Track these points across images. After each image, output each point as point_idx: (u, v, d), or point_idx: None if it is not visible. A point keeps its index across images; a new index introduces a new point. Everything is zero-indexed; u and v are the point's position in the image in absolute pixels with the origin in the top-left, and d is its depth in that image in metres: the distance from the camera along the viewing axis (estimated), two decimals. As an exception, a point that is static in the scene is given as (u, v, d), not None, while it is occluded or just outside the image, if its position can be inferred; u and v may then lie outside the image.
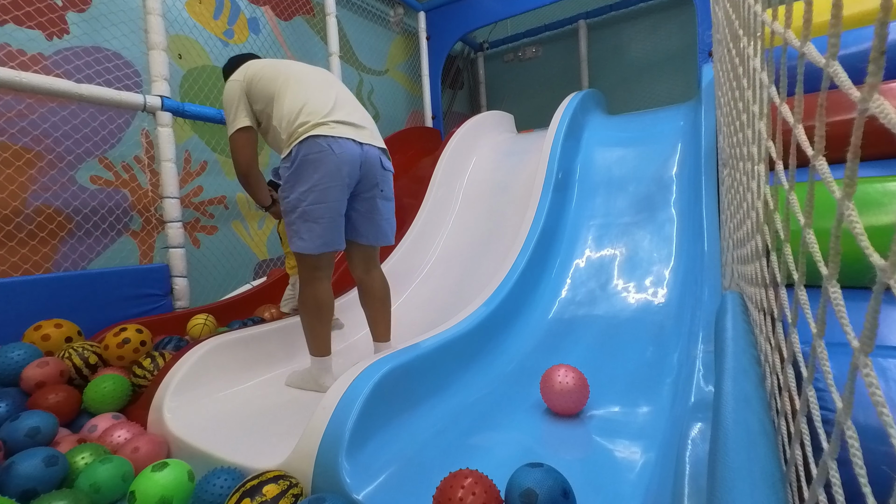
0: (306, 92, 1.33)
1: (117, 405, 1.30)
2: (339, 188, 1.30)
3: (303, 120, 1.28)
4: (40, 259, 1.83)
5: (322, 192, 1.28)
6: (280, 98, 1.32)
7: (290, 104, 1.30)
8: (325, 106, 1.31)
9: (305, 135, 1.26)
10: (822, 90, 0.32)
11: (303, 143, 1.26)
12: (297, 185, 1.28)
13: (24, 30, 1.84)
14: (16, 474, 0.93)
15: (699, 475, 0.69)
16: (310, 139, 1.26)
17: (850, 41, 1.03)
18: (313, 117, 1.28)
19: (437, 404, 1.17)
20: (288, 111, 1.30)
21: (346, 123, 1.33)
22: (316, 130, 1.26)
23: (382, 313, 1.52)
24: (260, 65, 1.41)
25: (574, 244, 2.03)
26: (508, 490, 0.75)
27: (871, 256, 0.26)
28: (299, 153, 1.26)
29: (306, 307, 1.38)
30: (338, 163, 1.28)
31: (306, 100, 1.31)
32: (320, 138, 1.26)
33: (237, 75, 1.39)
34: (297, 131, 1.28)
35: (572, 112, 2.51)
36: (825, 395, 0.56)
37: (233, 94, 1.37)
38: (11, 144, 1.78)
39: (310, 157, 1.26)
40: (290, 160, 1.29)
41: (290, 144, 1.28)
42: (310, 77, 1.39)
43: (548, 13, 4.18)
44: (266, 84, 1.35)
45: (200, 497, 0.90)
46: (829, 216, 0.30)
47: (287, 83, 1.34)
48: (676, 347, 1.36)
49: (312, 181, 1.27)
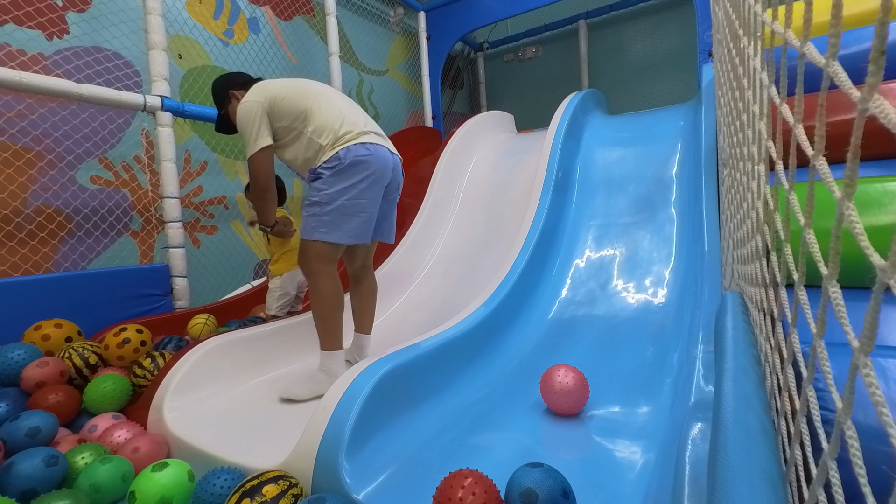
0: (339, 107, 1.45)
1: (117, 405, 1.30)
2: (379, 188, 1.45)
3: (347, 129, 1.41)
4: (40, 259, 1.83)
5: (365, 189, 1.40)
6: (316, 112, 1.41)
7: (330, 116, 1.41)
8: (359, 119, 1.46)
9: (353, 141, 1.39)
10: (822, 90, 0.32)
11: (350, 148, 1.38)
12: (340, 181, 1.37)
13: (24, 30, 1.84)
14: (16, 474, 0.93)
15: (699, 475, 0.69)
16: (357, 145, 1.39)
17: (850, 41, 1.03)
18: (355, 127, 1.42)
19: (437, 404, 1.17)
20: (329, 122, 1.40)
21: (378, 135, 1.49)
22: (361, 139, 1.40)
23: (371, 305, 1.65)
24: (279, 84, 1.46)
25: (574, 244, 2.03)
26: (508, 490, 0.75)
27: (871, 256, 0.26)
28: (348, 155, 1.37)
29: (326, 301, 1.39)
30: (380, 166, 1.42)
31: (344, 113, 1.44)
32: (368, 144, 1.41)
33: (254, 96, 1.42)
34: (343, 138, 1.39)
35: (572, 112, 2.51)
36: (825, 395, 0.56)
37: (253, 114, 1.40)
38: (11, 144, 1.78)
39: (359, 158, 1.38)
40: (334, 160, 1.37)
41: (334, 148, 1.38)
42: (336, 95, 1.51)
43: (548, 13, 4.18)
44: (294, 101, 1.42)
45: (200, 497, 0.90)
46: (829, 216, 0.30)
47: (319, 99, 1.44)
48: (676, 347, 1.36)
49: (358, 178, 1.38)
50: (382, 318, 2.01)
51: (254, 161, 1.42)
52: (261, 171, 1.43)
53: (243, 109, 1.41)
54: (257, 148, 1.40)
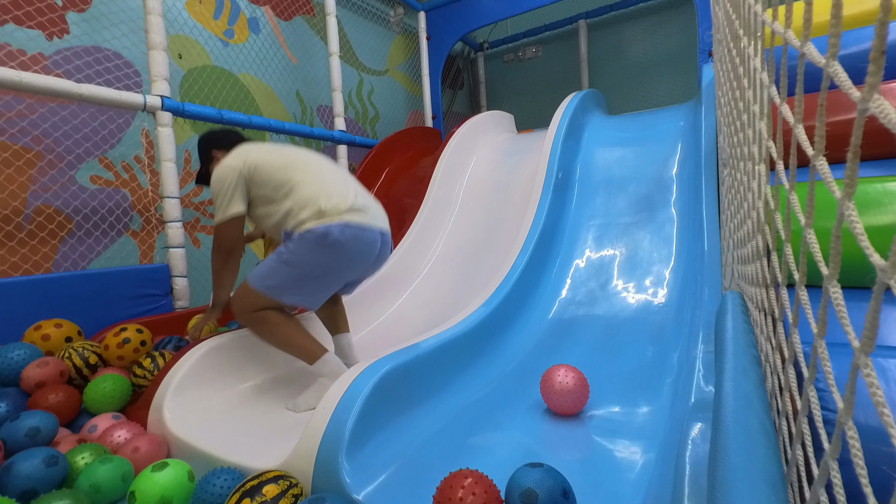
0: (325, 180, 1.37)
1: (117, 405, 1.30)
2: (351, 271, 1.41)
3: (332, 205, 1.31)
4: (40, 259, 1.83)
5: (337, 268, 1.35)
6: (298, 186, 1.34)
7: (314, 191, 1.33)
8: (347, 194, 1.36)
9: (336, 220, 1.30)
10: (822, 90, 0.32)
11: (331, 227, 1.29)
12: (314, 254, 1.30)
13: (24, 30, 1.84)
14: (16, 474, 0.93)
15: (699, 475, 0.69)
16: (341, 225, 1.30)
17: (850, 41, 1.03)
18: (342, 203, 1.32)
19: (437, 404, 1.17)
20: (313, 197, 1.32)
21: (365, 212, 1.38)
22: (346, 217, 1.31)
23: (340, 306, 1.62)
24: (263, 150, 1.41)
25: (574, 244, 2.03)
26: (508, 490, 0.75)
27: (871, 256, 0.26)
28: (328, 233, 1.28)
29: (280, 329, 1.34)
30: (360, 251, 1.36)
31: (330, 188, 1.35)
32: (352, 225, 1.32)
33: (233, 161, 1.37)
34: (326, 214, 1.30)
35: (572, 112, 2.51)
36: (826, 395, 0.56)
37: (229, 179, 1.35)
38: (11, 144, 1.78)
39: (338, 240, 1.29)
40: (313, 234, 1.29)
41: (316, 222, 1.30)
42: (323, 166, 1.43)
43: (548, 13, 4.18)
44: (276, 171, 1.36)
45: (200, 497, 0.90)
46: (830, 216, 0.30)
47: (304, 172, 1.37)
48: (676, 347, 1.36)
49: (333, 259, 1.32)
50: (382, 318, 2.01)
51: (221, 228, 1.38)
52: (226, 238, 1.39)
53: (219, 174, 1.37)
54: (227, 216, 1.36)
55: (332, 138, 2.81)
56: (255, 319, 1.35)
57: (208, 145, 1.55)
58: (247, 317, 1.36)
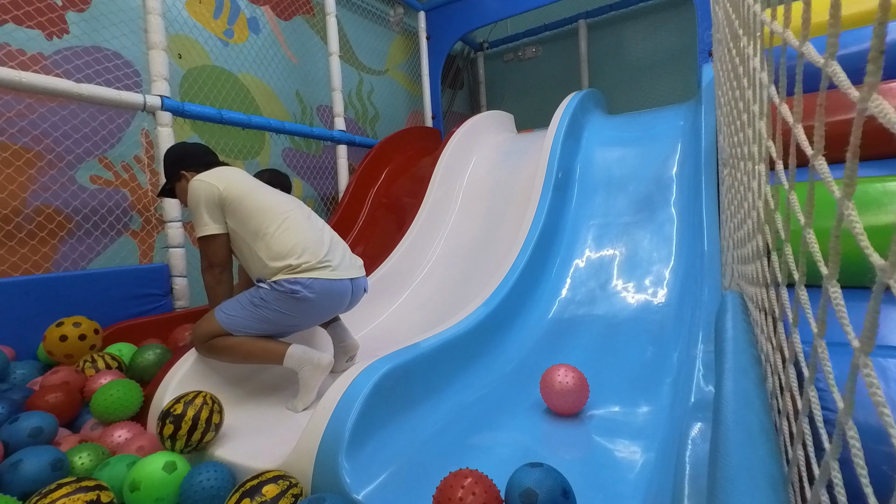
0: (298, 234, 1.35)
1: (127, 414, 1.22)
2: (321, 318, 1.43)
3: (303, 260, 1.31)
4: (40, 259, 1.83)
5: (307, 316, 1.36)
6: (269, 237, 1.33)
7: (285, 245, 1.32)
8: (319, 249, 1.36)
9: (308, 274, 1.30)
10: (821, 90, 0.32)
11: (300, 281, 1.29)
12: (286, 306, 1.30)
13: (24, 29, 1.84)
14: (22, 475, 0.93)
15: (699, 475, 0.69)
16: (311, 279, 1.30)
17: (849, 41, 1.03)
18: (314, 258, 1.33)
19: (437, 404, 1.17)
20: (284, 251, 1.31)
21: (342, 264, 1.40)
22: (316, 273, 1.31)
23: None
24: (241, 183, 1.39)
25: (574, 244, 2.03)
26: (508, 490, 0.75)
27: (871, 256, 0.26)
28: (297, 288, 1.28)
29: (241, 347, 1.30)
30: (332, 302, 1.37)
31: (302, 241, 1.34)
32: (323, 279, 1.32)
33: (211, 179, 1.36)
34: (297, 268, 1.30)
35: (572, 112, 2.51)
36: (826, 394, 0.56)
37: (207, 197, 1.34)
38: (11, 144, 1.78)
39: (307, 295, 1.29)
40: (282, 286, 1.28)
41: (286, 275, 1.30)
42: (297, 217, 1.40)
43: (548, 13, 4.18)
44: (250, 215, 1.35)
45: (186, 494, 0.91)
46: (830, 216, 0.30)
47: (277, 221, 1.35)
48: (676, 347, 1.36)
49: (302, 309, 1.32)
50: (382, 318, 2.01)
51: (205, 242, 1.36)
52: (213, 253, 1.37)
53: (196, 188, 1.35)
54: (206, 234, 1.35)
55: (332, 138, 2.81)
56: (212, 347, 1.31)
57: (177, 163, 1.49)
58: (204, 346, 1.31)
